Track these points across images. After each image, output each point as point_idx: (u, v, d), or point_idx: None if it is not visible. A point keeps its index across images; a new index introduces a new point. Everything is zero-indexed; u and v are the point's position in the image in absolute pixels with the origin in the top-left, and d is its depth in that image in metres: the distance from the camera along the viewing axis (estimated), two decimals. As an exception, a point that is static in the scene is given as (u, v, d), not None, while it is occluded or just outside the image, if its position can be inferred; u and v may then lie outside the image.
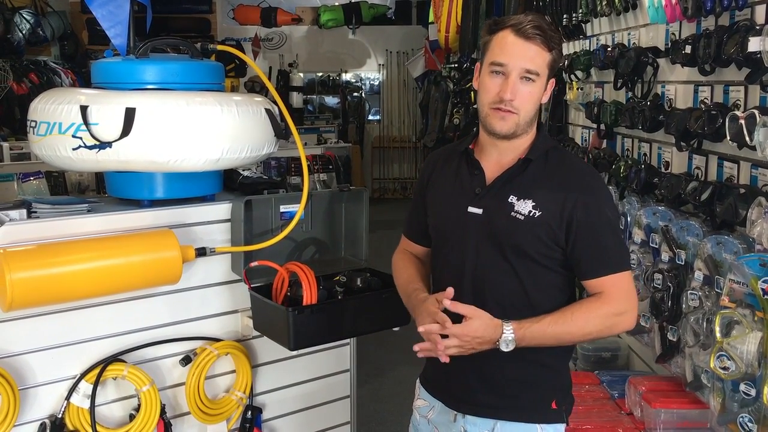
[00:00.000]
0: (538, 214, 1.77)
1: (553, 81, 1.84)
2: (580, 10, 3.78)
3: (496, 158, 1.87)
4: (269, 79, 8.29)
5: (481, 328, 1.72)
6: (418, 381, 2.08)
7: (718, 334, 2.07)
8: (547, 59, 1.77)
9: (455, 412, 1.92)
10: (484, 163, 1.88)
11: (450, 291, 1.76)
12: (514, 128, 1.79)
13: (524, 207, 1.78)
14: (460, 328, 1.72)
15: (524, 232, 1.78)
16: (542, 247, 1.78)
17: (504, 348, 1.72)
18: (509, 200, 1.80)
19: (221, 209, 2.53)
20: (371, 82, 11.79)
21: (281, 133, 2.54)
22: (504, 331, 1.72)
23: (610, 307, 1.77)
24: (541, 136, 1.87)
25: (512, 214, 1.79)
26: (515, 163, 1.84)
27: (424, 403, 2.02)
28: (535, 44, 1.75)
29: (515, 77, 1.75)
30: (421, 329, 1.77)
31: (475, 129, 1.94)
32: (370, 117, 11.63)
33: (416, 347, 1.77)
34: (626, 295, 1.79)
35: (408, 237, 2.10)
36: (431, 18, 8.60)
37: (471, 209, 1.84)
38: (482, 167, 1.87)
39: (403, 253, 2.09)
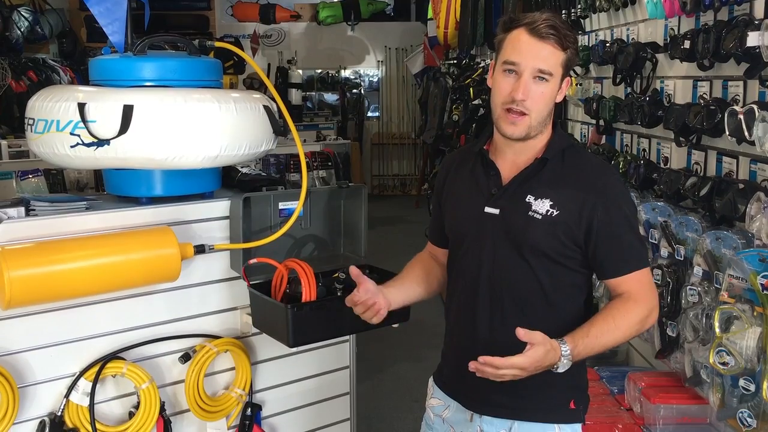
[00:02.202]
0: (555, 213, 1.76)
1: (568, 80, 1.82)
2: (579, 6, 3.77)
3: (511, 158, 1.86)
4: (268, 76, 8.28)
5: (547, 356, 1.64)
6: (431, 380, 2.07)
7: (717, 330, 2.07)
8: (561, 58, 1.76)
9: (472, 412, 1.91)
10: (499, 163, 1.87)
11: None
12: (526, 131, 1.78)
13: (542, 206, 1.77)
14: (523, 359, 1.62)
15: (542, 231, 1.77)
16: (560, 246, 1.78)
17: (561, 370, 1.67)
18: (526, 200, 1.80)
19: (220, 206, 2.52)
20: (370, 79, 11.77)
21: (279, 129, 2.53)
22: (562, 353, 1.66)
23: (643, 306, 1.77)
24: (557, 135, 1.86)
25: (530, 213, 1.78)
26: (531, 163, 1.83)
27: (438, 402, 2.02)
28: (549, 44, 1.73)
29: (528, 77, 1.73)
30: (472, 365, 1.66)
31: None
32: (369, 114, 11.61)
33: (472, 366, 1.65)
34: (651, 291, 1.81)
35: (431, 240, 2.11)
36: (430, 14, 8.60)
37: (488, 209, 1.84)
38: (498, 168, 1.87)
39: (420, 254, 2.11)
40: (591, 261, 1.79)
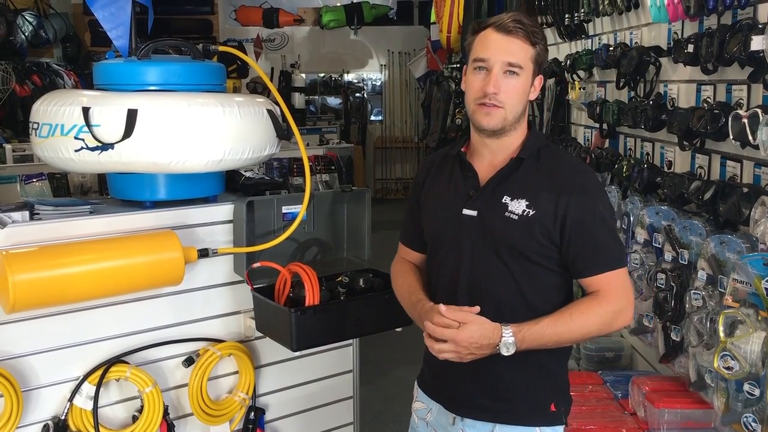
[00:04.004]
0: (531, 213, 1.77)
1: (541, 78, 1.83)
2: (582, 10, 3.77)
3: (488, 159, 1.87)
4: (271, 80, 8.30)
5: (476, 334, 1.70)
6: (416, 383, 2.07)
7: (721, 334, 2.07)
8: (530, 53, 1.77)
9: (454, 415, 1.91)
10: (476, 165, 1.88)
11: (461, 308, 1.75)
12: (502, 123, 1.78)
13: (518, 207, 1.78)
14: (453, 334, 1.70)
15: (519, 232, 1.77)
16: (537, 246, 1.78)
17: (504, 352, 1.70)
18: (503, 201, 1.80)
19: (223, 210, 2.52)
20: (373, 83, 11.79)
21: (283, 133, 2.53)
22: (503, 334, 1.70)
23: (608, 305, 1.77)
24: (532, 134, 1.87)
25: (506, 214, 1.78)
26: (507, 163, 1.83)
27: (421, 406, 2.02)
28: (517, 38, 1.75)
29: (498, 71, 1.75)
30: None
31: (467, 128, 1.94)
32: (372, 117, 11.62)
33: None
34: (623, 292, 1.79)
35: (405, 244, 2.09)
36: (433, 18, 8.59)
37: (466, 212, 1.84)
38: (475, 169, 1.87)
39: (401, 263, 2.08)
40: (565, 259, 1.80)
